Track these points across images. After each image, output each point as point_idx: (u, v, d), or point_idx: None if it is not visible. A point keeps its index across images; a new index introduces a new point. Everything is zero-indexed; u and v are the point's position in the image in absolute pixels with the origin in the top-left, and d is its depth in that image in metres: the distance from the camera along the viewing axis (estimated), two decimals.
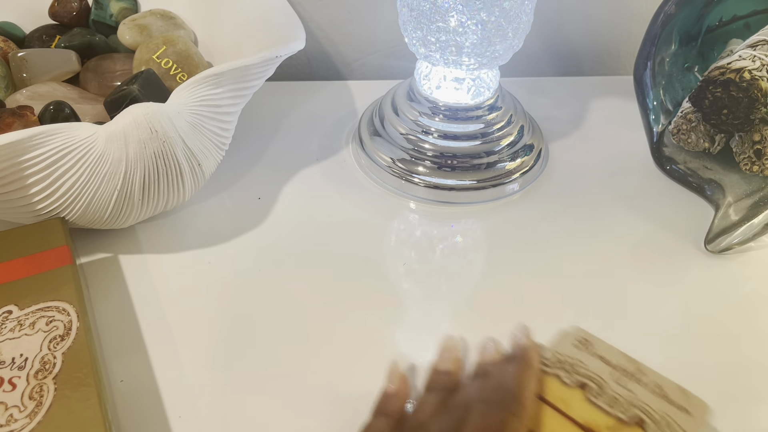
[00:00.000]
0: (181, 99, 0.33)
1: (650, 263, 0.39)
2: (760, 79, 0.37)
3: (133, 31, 0.42)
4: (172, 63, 0.40)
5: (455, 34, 0.37)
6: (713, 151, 0.42)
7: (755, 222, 0.38)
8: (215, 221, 0.40)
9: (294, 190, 0.43)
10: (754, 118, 0.38)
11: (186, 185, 0.35)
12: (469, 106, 0.43)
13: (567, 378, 0.23)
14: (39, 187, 0.31)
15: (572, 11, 0.54)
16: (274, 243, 0.39)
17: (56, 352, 0.28)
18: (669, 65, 0.44)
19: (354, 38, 0.54)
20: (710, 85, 0.39)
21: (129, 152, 0.31)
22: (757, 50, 0.38)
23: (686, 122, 0.42)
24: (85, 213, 0.33)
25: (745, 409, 0.31)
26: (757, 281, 0.38)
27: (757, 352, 0.34)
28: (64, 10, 0.43)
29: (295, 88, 0.52)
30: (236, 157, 0.44)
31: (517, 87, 0.52)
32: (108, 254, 0.37)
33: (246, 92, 0.37)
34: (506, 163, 0.43)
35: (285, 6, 0.42)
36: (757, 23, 0.43)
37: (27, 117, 0.34)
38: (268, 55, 0.36)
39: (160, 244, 0.38)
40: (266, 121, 0.48)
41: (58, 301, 0.30)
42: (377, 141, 0.44)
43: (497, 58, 0.39)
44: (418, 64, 0.43)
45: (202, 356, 0.32)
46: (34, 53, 0.40)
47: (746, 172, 0.40)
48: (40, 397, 0.26)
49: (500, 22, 0.37)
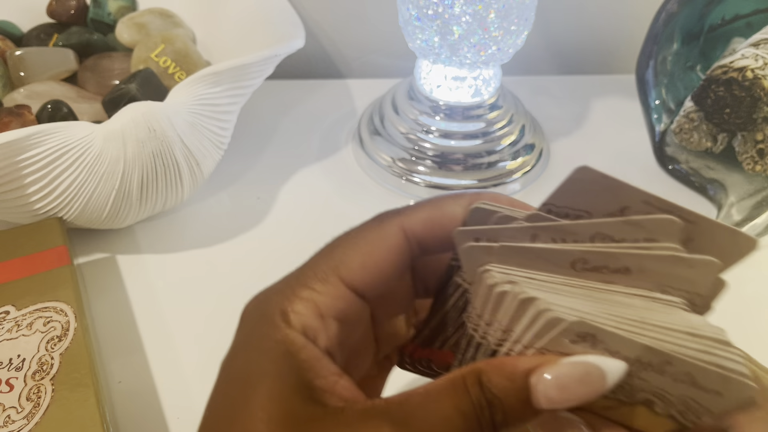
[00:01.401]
0: (180, 98, 0.33)
1: None
2: (762, 78, 0.37)
3: (132, 29, 0.41)
4: (171, 62, 0.39)
5: (455, 32, 0.37)
6: (716, 150, 0.42)
7: (758, 222, 0.38)
8: (214, 221, 0.40)
9: (293, 189, 0.42)
10: (756, 117, 0.38)
11: (184, 185, 0.35)
12: (469, 105, 0.42)
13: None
14: (36, 187, 0.31)
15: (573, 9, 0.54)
16: (273, 243, 0.38)
17: (54, 352, 0.27)
18: (671, 64, 0.44)
19: (354, 37, 0.54)
20: (712, 84, 0.39)
21: (127, 151, 0.31)
22: (760, 49, 0.38)
23: (688, 121, 0.42)
24: (82, 213, 0.33)
25: None
26: (759, 282, 0.38)
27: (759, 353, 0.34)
28: (62, 8, 0.43)
29: (295, 87, 0.51)
30: (235, 156, 0.44)
31: (518, 86, 0.52)
32: (106, 254, 0.37)
33: (245, 91, 0.37)
34: (507, 162, 0.43)
35: (284, 4, 0.42)
36: (759, 22, 0.43)
37: (24, 116, 0.34)
38: (267, 54, 0.35)
39: (159, 244, 0.38)
40: (265, 120, 0.48)
41: (56, 302, 0.30)
42: (377, 140, 0.44)
43: (498, 56, 0.39)
44: (419, 63, 0.43)
45: (201, 357, 0.32)
46: (32, 52, 0.39)
47: (749, 172, 0.40)
48: (37, 398, 0.26)
49: (501, 21, 0.36)
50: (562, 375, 0.17)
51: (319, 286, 0.19)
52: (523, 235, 0.19)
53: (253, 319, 0.20)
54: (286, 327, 0.18)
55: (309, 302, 0.19)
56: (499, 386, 0.17)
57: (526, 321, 0.18)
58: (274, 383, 0.17)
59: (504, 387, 0.17)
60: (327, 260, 0.20)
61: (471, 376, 0.17)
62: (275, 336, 0.18)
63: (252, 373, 0.18)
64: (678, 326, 0.18)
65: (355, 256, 0.19)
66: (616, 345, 0.17)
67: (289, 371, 0.18)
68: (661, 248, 0.18)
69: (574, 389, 0.17)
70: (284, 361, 0.18)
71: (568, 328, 0.17)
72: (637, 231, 0.18)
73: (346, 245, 0.20)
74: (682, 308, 0.19)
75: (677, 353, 0.17)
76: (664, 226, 0.18)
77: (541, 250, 0.18)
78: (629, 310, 0.18)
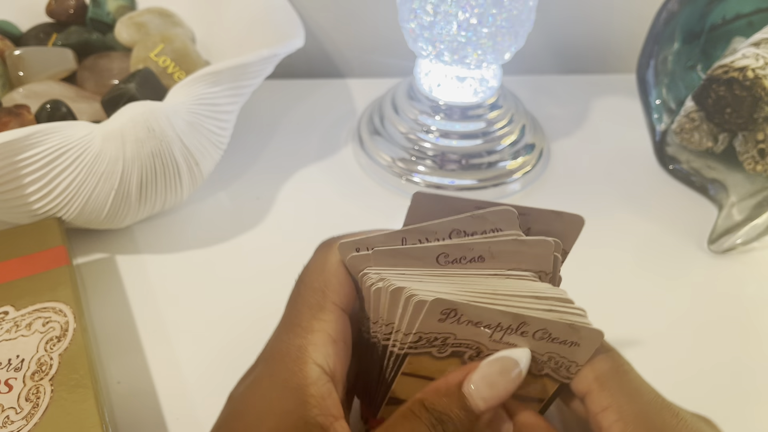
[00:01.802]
0: (179, 98, 0.33)
1: (652, 263, 0.38)
2: (763, 78, 0.37)
3: (131, 29, 0.41)
4: (170, 61, 0.39)
5: (456, 32, 0.37)
6: (716, 150, 0.42)
7: (759, 222, 0.38)
8: (213, 221, 0.40)
9: (293, 189, 0.42)
10: (757, 116, 0.38)
11: (184, 185, 0.35)
12: (470, 104, 0.42)
13: (438, 352, 0.22)
14: (35, 187, 0.31)
15: (574, 9, 0.54)
16: (272, 243, 0.38)
17: (53, 353, 0.27)
18: (672, 63, 0.44)
19: (353, 36, 0.54)
20: (713, 84, 0.39)
21: (126, 151, 0.31)
22: (761, 48, 0.38)
23: (689, 121, 0.42)
24: (81, 213, 0.33)
25: (747, 410, 0.31)
26: (760, 282, 0.37)
27: (759, 352, 0.34)
28: (61, 8, 0.43)
29: (294, 86, 0.51)
30: (234, 156, 0.44)
31: (518, 85, 0.52)
32: (105, 254, 0.37)
33: (244, 91, 0.37)
34: (507, 162, 0.42)
35: (284, 4, 0.42)
36: (760, 21, 0.43)
37: (23, 116, 0.34)
38: (266, 54, 0.35)
39: (158, 245, 0.38)
40: (265, 119, 0.48)
41: (55, 302, 0.30)
42: (377, 140, 0.44)
43: (499, 56, 0.39)
44: (419, 62, 0.43)
45: (200, 357, 0.32)
46: (31, 51, 0.39)
47: (750, 172, 0.40)
48: (36, 398, 0.26)
49: (502, 20, 0.36)
50: (487, 374, 0.20)
51: (325, 316, 0.21)
52: (394, 240, 0.22)
53: (271, 358, 0.21)
54: (303, 361, 0.20)
55: (322, 333, 0.21)
56: (441, 404, 0.20)
57: (400, 310, 0.20)
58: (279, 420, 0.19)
59: (445, 404, 0.20)
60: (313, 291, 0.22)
61: (415, 405, 0.20)
62: (292, 368, 0.20)
63: (261, 410, 0.20)
64: (525, 292, 0.21)
65: (332, 278, 0.22)
66: (477, 315, 0.20)
67: (296, 407, 0.19)
68: (505, 235, 0.22)
69: (500, 383, 0.20)
70: (293, 396, 0.20)
71: (431, 308, 0.20)
72: (483, 223, 0.22)
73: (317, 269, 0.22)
74: (531, 280, 0.22)
75: (529, 314, 0.20)
76: (504, 216, 0.22)
77: (409, 250, 0.21)
78: (482, 286, 0.21)
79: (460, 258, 0.22)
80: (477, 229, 0.22)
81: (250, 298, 0.35)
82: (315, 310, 0.22)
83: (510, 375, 0.20)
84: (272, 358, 0.21)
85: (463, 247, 0.21)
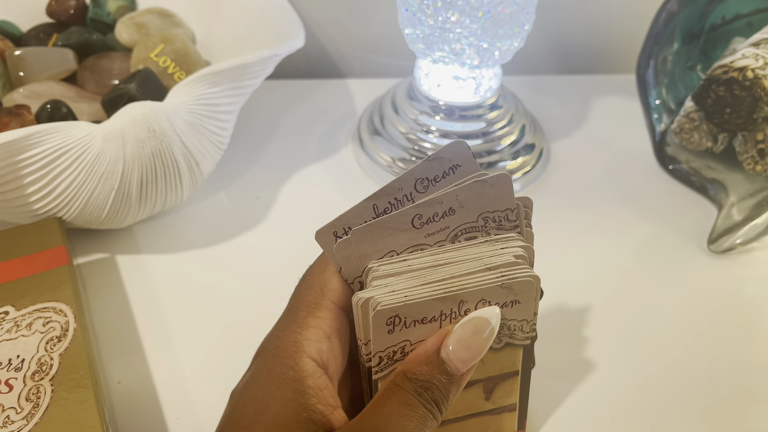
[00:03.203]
0: (179, 98, 0.33)
1: (652, 263, 0.38)
2: (763, 78, 0.37)
3: (131, 29, 0.41)
4: (170, 61, 0.39)
5: (456, 32, 0.37)
6: (716, 150, 0.42)
7: (758, 222, 0.38)
8: (213, 221, 0.40)
9: (293, 189, 0.42)
10: (757, 117, 0.38)
11: (184, 185, 0.35)
12: (470, 104, 0.42)
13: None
14: (36, 187, 0.31)
15: (574, 9, 0.54)
16: (272, 243, 0.38)
17: (53, 353, 0.27)
18: (671, 64, 0.44)
19: (353, 36, 0.54)
20: (713, 84, 0.39)
21: (126, 151, 0.31)
22: (761, 48, 0.38)
23: (689, 121, 0.42)
24: (82, 213, 0.33)
25: (747, 410, 0.31)
26: (759, 282, 0.37)
27: (759, 352, 0.34)
28: (61, 8, 0.43)
29: (294, 86, 0.51)
30: (235, 156, 0.44)
31: (518, 85, 0.52)
32: (105, 254, 0.37)
33: (244, 91, 0.37)
34: (507, 162, 0.43)
35: (284, 4, 0.42)
36: (760, 22, 0.43)
37: (24, 116, 0.34)
38: (266, 54, 0.35)
39: (158, 245, 0.38)
40: (265, 119, 0.48)
41: (55, 302, 0.30)
42: (377, 140, 0.44)
43: (499, 56, 0.39)
44: (419, 63, 0.43)
45: (200, 357, 0.32)
46: (31, 52, 0.39)
47: (749, 172, 0.40)
48: (36, 398, 0.26)
49: (502, 20, 0.36)
50: (461, 337, 0.21)
51: (321, 313, 0.22)
52: (366, 211, 0.22)
53: (268, 353, 0.22)
54: (299, 356, 0.21)
55: (317, 329, 0.22)
56: (423, 372, 0.20)
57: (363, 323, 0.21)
58: (281, 408, 0.20)
59: (427, 371, 0.20)
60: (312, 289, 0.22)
61: (398, 377, 0.21)
62: (288, 363, 0.21)
63: (261, 400, 0.20)
64: (477, 269, 0.21)
65: (332, 277, 0.22)
66: (418, 312, 0.20)
67: (295, 395, 0.20)
68: (466, 177, 0.22)
69: (474, 342, 0.21)
70: (291, 387, 0.20)
71: (376, 323, 0.20)
72: (441, 163, 0.22)
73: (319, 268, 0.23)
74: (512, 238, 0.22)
75: (465, 290, 0.20)
76: (457, 149, 0.22)
77: (384, 220, 0.21)
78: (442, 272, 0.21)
79: (433, 216, 0.22)
80: (438, 172, 0.22)
81: (250, 298, 0.35)
82: (312, 308, 0.22)
83: (483, 334, 0.21)
84: (269, 353, 0.22)
85: (433, 203, 0.21)
